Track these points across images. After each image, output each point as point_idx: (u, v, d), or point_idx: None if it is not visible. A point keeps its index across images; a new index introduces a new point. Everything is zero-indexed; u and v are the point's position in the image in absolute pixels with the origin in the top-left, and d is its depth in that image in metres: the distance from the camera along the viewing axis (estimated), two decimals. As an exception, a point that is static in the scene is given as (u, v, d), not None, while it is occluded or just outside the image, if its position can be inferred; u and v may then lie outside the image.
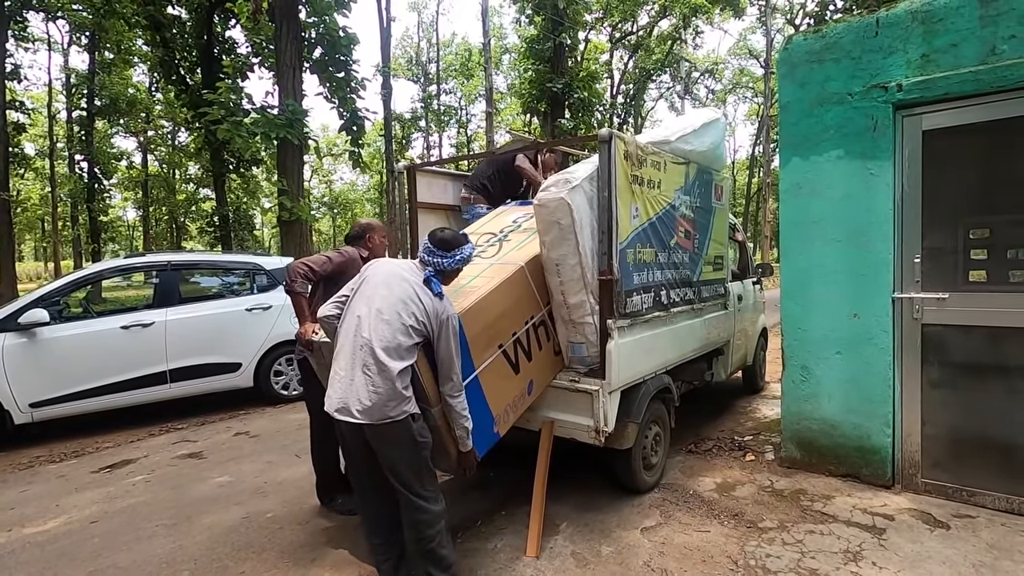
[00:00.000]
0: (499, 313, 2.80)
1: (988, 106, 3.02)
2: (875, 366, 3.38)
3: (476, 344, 2.62)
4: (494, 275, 2.90)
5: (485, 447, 2.71)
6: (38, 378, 4.72)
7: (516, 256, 3.11)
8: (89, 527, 3.28)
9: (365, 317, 2.23)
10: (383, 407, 2.14)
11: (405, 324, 2.20)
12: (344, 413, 2.18)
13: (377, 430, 2.18)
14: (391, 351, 2.16)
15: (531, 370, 2.98)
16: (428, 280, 2.32)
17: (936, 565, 2.64)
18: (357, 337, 2.22)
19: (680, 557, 2.79)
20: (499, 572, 2.71)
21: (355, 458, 2.38)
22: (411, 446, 2.22)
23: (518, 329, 2.91)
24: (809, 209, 3.59)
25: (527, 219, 3.58)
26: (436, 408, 2.41)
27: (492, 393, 2.71)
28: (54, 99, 23.78)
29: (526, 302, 3.00)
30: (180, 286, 5.64)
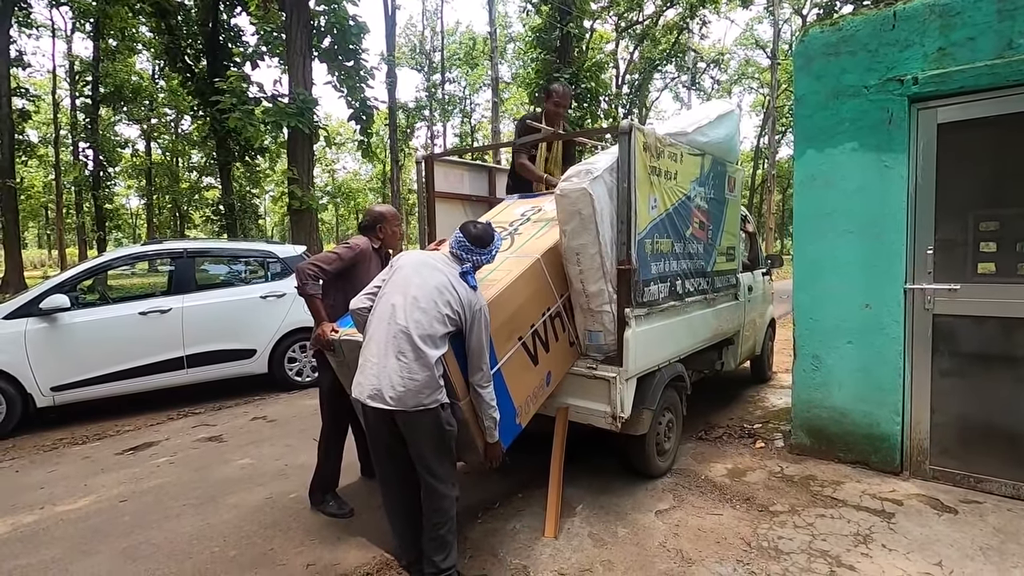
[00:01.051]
0: (518, 305, 2.84)
1: (1003, 100, 3.06)
2: (886, 355, 3.45)
3: (498, 337, 2.66)
4: (511, 268, 2.93)
5: (509, 438, 2.76)
6: (59, 362, 4.81)
7: (531, 248, 3.15)
8: (119, 506, 3.38)
9: (400, 305, 2.25)
10: (418, 394, 2.17)
11: (441, 312, 2.23)
12: (377, 400, 2.19)
13: (410, 417, 2.21)
14: (427, 339, 2.19)
15: (549, 361, 3.03)
16: (465, 274, 2.37)
17: (944, 548, 2.72)
18: (392, 324, 2.24)
19: (694, 538, 2.88)
20: (519, 551, 2.80)
21: (381, 444, 2.40)
22: (439, 433, 2.26)
23: (536, 321, 2.95)
24: (823, 201, 3.64)
25: (535, 212, 3.62)
26: (464, 401, 2.45)
27: (514, 385, 2.76)
28: (58, 86, 23.73)
29: (543, 294, 3.04)
30: (196, 273, 5.72)
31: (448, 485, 2.34)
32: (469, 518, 3.12)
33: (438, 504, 2.32)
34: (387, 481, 2.50)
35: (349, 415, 3.24)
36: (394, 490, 2.49)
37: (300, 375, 6.07)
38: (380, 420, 2.28)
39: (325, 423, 3.25)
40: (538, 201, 3.81)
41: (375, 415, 2.26)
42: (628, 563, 2.68)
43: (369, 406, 2.23)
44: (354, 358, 2.46)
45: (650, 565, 2.66)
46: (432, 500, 2.32)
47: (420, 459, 2.30)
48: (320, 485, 3.27)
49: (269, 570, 2.68)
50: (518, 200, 4.00)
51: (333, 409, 3.20)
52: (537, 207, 3.68)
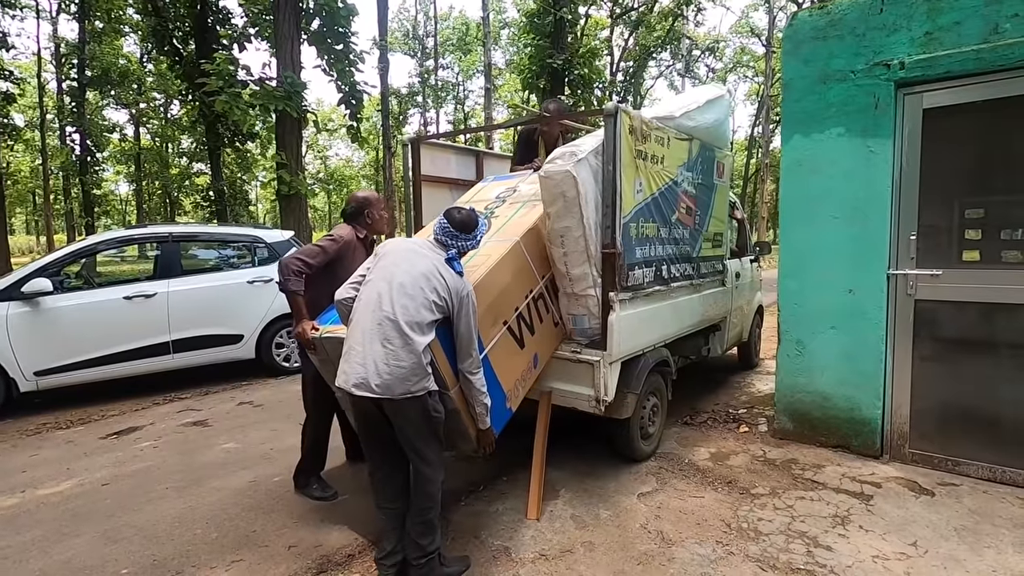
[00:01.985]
0: (501, 290, 2.81)
1: (988, 85, 3.06)
2: (868, 341, 3.47)
3: (483, 323, 2.62)
4: (491, 252, 2.89)
5: (500, 424, 2.75)
6: (42, 347, 4.76)
7: (510, 231, 3.11)
8: (101, 489, 3.37)
9: (386, 292, 2.21)
10: (404, 381, 2.13)
11: (428, 299, 2.20)
12: (363, 388, 2.15)
13: (397, 405, 2.17)
14: (414, 325, 2.16)
15: (535, 344, 3.03)
16: (450, 260, 2.34)
17: (920, 528, 2.76)
18: (377, 311, 2.19)
19: (675, 520, 2.90)
20: (501, 533, 2.82)
21: (369, 431, 2.37)
22: (427, 420, 2.24)
23: (520, 304, 2.93)
24: (809, 186, 3.63)
25: (510, 193, 3.58)
26: (454, 390, 2.42)
27: (502, 370, 2.75)
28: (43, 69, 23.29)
29: (524, 276, 3.02)
30: (182, 258, 5.66)
31: (436, 469, 2.32)
32: (453, 501, 3.14)
33: (426, 488, 2.30)
34: (376, 464, 2.45)
35: (333, 401, 3.23)
36: (383, 471, 2.44)
37: (288, 360, 6.04)
38: (366, 408, 2.24)
39: (309, 409, 3.24)
40: (512, 182, 3.78)
41: (362, 403, 2.22)
42: (609, 544, 2.70)
43: (355, 395, 2.18)
44: (337, 355, 2.39)
45: (631, 546, 2.68)
46: (420, 484, 2.31)
47: (408, 444, 2.28)
48: (305, 469, 3.27)
49: (251, 552, 2.68)
50: (493, 182, 3.96)
51: (317, 395, 3.18)
52: (512, 188, 3.64)
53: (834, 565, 2.50)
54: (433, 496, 2.31)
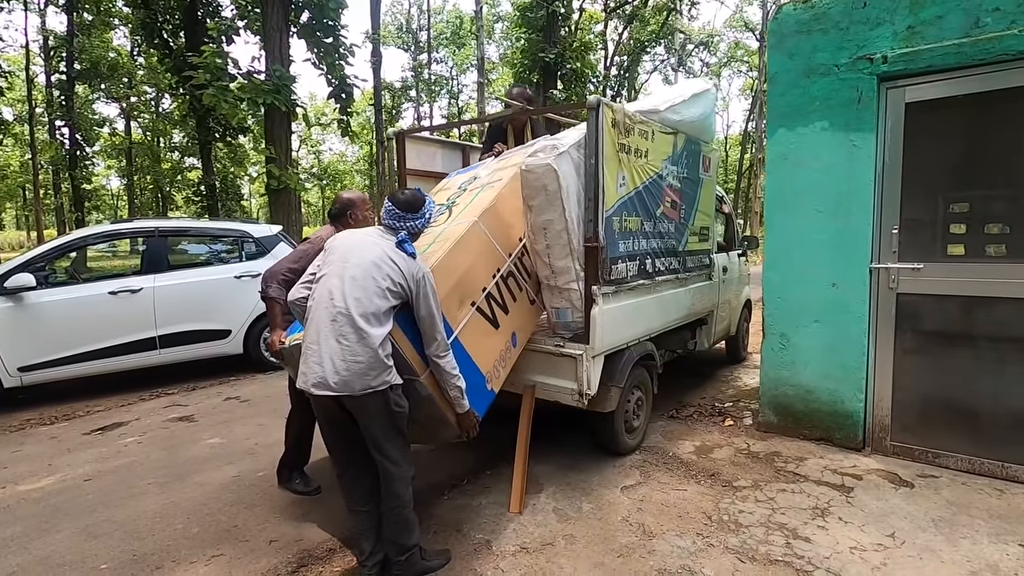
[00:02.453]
0: (464, 271, 2.76)
1: (969, 79, 3.07)
2: (851, 334, 3.49)
3: (448, 305, 2.60)
4: (449, 235, 2.84)
5: (484, 406, 2.73)
6: (26, 342, 4.73)
7: (469, 213, 3.04)
8: (83, 485, 3.35)
9: (338, 287, 2.17)
10: (363, 376, 2.10)
11: (381, 287, 2.16)
12: (322, 387, 2.11)
13: (358, 401, 2.14)
14: (369, 317, 2.12)
15: (511, 322, 2.99)
16: (402, 243, 2.29)
17: (898, 520, 2.78)
18: (330, 307, 2.15)
19: (657, 513, 2.92)
20: (484, 526, 2.82)
21: (334, 431, 2.33)
22: (389, 415, 2.20)
23: (487, 284, 2.89)
24: (793, 180, 3.64)
25: (470, 181, 3.53)
26: (424, 375, 2.39)
27: (477, 352, 2.73)
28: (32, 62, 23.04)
29: (489, 255, 2.96)
30: (168, 253, 5.63)
31: (402, 466, 2.29)
32: (436, 495, 3.14)
33: (393, 486, 2.27)
34: (343, 464, 2.41)
35: None
36: (351, 472, 2.40)
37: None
38: (328, 407, 2.22)
39: (293, 404, 3.23)
40: (474, 171, 3.75)
41: (322, 402, 2.20)
42: (590, 537, 2.71)
43: (315, 394, 2.15)
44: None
45: (611, 539, 2.69)
46: (387, 482, 2.28)
47: (373, 442, 2.25)
48: (288, 463, 3.26)
49: (231, 546, 2.68)
50: (456, 175, 3.93)
51: (300, 391, 3.17)
52: (473, 176, 3.61)
53: (812, 556, 2.51)
54: (401, 494, 2.27)
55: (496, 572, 2.46)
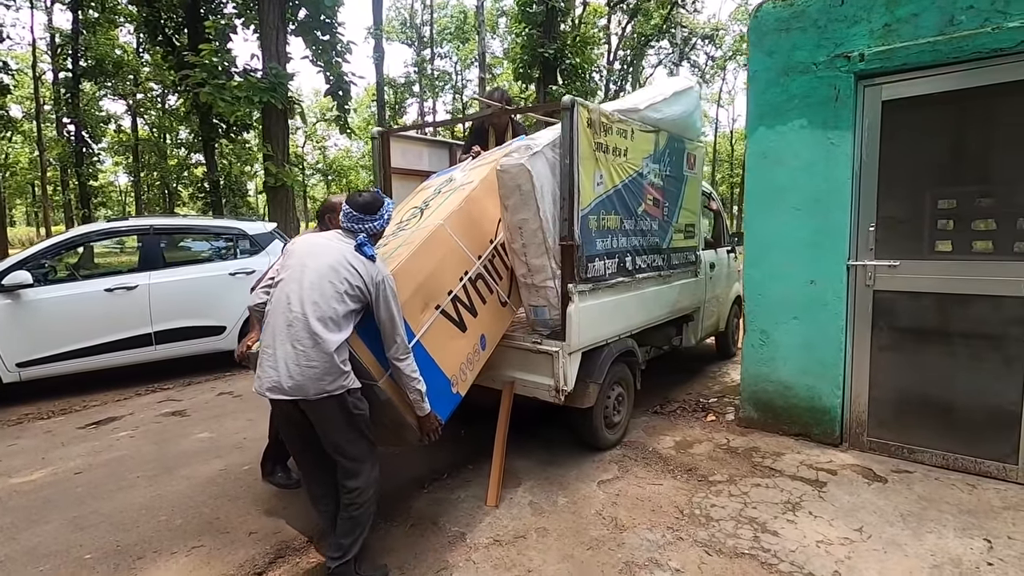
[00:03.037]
0: (427, 274, 2.75)
1: (944, 77, 3.08)
2: (828, 331, 3.51)
3: (410, 308, 2.60)
4: (414, 238, 2.85)
5: (448, 409, 2.74)
6: (24, 338, 4.82)
7: (435, 217, 3.03)
8: (73, 478, 3.44)
9: (295, 292, 2.17)
10: (319, 381, 2.10)
11: (339, 291, 2.16)
12: (277, 391, 2.13)
13: (313, 405, 2.15)
14: (327, 321, 2.13)
15: (480, 325, 3.00)
16: (361, 245, 2.29)
17: (868, 514, 2.82)
18: (287, 312, 2.16)
19: (631, 507, 2.97)
20: (460, 519, 2.88)
21: (291, 431, 2.35)
22: (348, 418, 2.21)
23: (454, 287, 2.89)
24: (773, 178, 3.66)
25: (446, 184, 3.53)
26: (382, 380, 2.39)
27: (441, 355, 2.73)
28: (39, 59, 23.23)
29: (455, 258, 2.95)
30: (164, 250, 5.72)
31: (363, 466, 2.29)
32: (415, 488, 3.21)
33: (351, 485, 2.26)
34: (305, 465, 2.43)
35: None
36: (313, 472, 2.42)
37: (271, 351, 6.10)
38: (285, 410, 2.23)
39: None
40: (451, 173, 3.75)
41: (279, 407, 2.23)
42: (562, 530, 2.77)
43: (270, 398, 2.17)
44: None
45: (583, 531, 2.75)
46: (345, 479, 2.28)
47: (330, 444, 2.26)
48: (271, 456, 3.33)
49: (212, 538, 2.76)
50: (436, 177, 3.93)
51: None
52: (449, 178, 3.61)
53: (778, 550, 2.56)
54: (361, 492, 2.26)
55: (468, 564, 2.53)
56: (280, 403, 2.20)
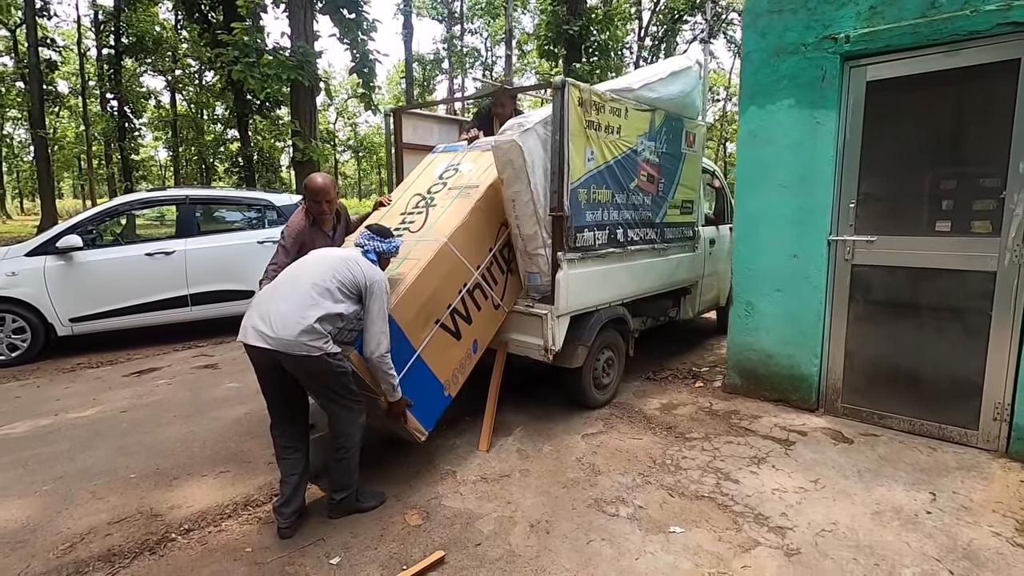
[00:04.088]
0: (431, 292, 2.96)
1: (924, 59, 3.19)
2: (809, 302, 3.70)
3: (412, 327, 2.84)
4: (420, 256, 3.02)
5: (439, 411, 3.07)
6: (76, 296, 5.34)
7: (440, 228, 3.17)
8: (119, 415, 3.91)
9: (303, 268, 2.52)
10: (299, 337, 2.27)
11: (340, 275, 2.45)
12: (260, 340, 2.30)
13: (295, 362, 2.32)
14: (324, 292, 2.39)
15: (473, 332, 3.24)
16: (365, 252, 2.63)
17: (826, 469, 3.05)
18: (288, 278, 2.47)
19: (608, 456, 3.26)
20: (453, 460, 3.22)
21: (265, 380, 2.51)
22: (331, 375, 2.39)
23: (453, 300, 3.09)
24: (762, 156, 3.82)
25: (452, 175, 3.68)
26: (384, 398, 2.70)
27: (438, 364, 3.00)
28: (84, 36, 24.15)
29: (457, 273, 3.13)
30: (199, 219, 6.16)
31: (352, 411, 2.51)
32: (415, 434, 3.55)
33: (341, 428, 2.51)
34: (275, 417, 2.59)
35: None
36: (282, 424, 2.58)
37: (296, 316, 6.53)
38: (260, 361, 2.41)
39: None
40: (458, 155, 3.88)
41: (255, 355, 2.39)
42: (542, 472, 3.08)
43: (249, 344, 2.35)
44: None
45: (562, 474, 3.06)
46: (336, 424, 2.52)
47: (317, 395, 2.48)
48: None
49: (236, 466, 3.17)
50: (441, 153, 4.07)
51: None
52: (454, 166, 3.77)
53: (735, 494, 2.82)
54: (348, 436, 2.51)
55: (455, 495, 2.86)
56: (258, 354, 2.37)
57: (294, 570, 2.31)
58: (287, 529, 2.51)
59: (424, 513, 2.70)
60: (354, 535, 2.52)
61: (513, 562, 2.33)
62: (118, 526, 2.62)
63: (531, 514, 2.67)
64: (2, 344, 5.16)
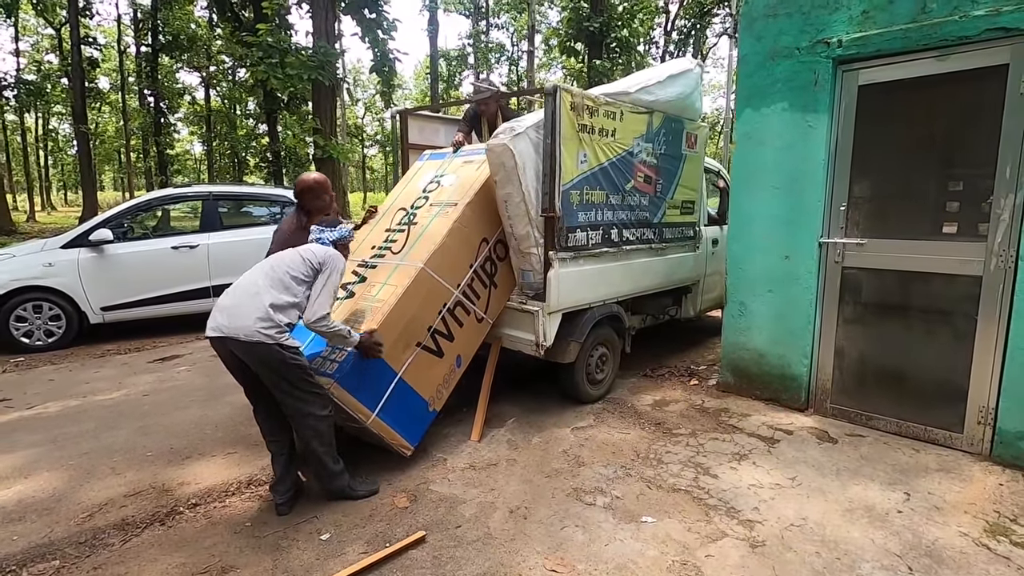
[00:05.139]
0: (410, 318, 3.04)
1: (914, 64, 3.20)
2: (799, 304, 3.75)
3: (393, 352, 2.94)
4: (398, 282, 3.10)
5: (423, 427, 3.20)
6: (107, 286, 5.68)
7: (418, 252, 3.23)
8: (142, 398, 4.21)
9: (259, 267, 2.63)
10: (248, 323, 2.37)
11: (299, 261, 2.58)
12: (216, 331, 2.44)
13: (246, 347, 2.39)
14: (274, 281, 2.51)
15: (456, 348, 3.33)
16: (317, 239, 2.75)
17: (806, 468, 3.12)
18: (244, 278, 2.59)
19: (594, 449, 3.38)
20: (445, 448, 3.39)
21: (234, 372, 2.63)
22: (284, 366, 2.45)
23: (433, 322, 3.18)
24: (756, 158, 3.87)
25: (435, 189, 3.74)
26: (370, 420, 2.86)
27: (420, 383, 3.12)
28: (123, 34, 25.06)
29: (435, 295, 3.20)
30: (222, 214, 6.46)
31: (310, 404, 2.56)
32: (412, 423, 3.73)
33: (301, 431, 2.60)
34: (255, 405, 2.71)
35: None
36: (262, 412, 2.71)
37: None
38: (224, 352, 2.52)
39: None
40: (443, 165, 3.94)
41: (217, 347, 2.50)
42: (528, 462, 3.22)
43: (209, 337, 2.47)
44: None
45: (547, 464, 3.20)
46: (296, 420, 2.59)
47: (274, 388, 2.52)
48: None
49: (244, 448, 3.40)
50: (428, 161, 4.14)
51: None
52: (438, 178, 3.83)
53: (712, 488, 2.92)
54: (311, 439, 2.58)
55: (443, 480, 3.03)
56: (218, 345, 2.49)
57: (287, 544, 2.51)
58: (283, 506, 2.71)
59: (412, 496, 2.87)
60: (345, 515, 2.71)
61: (488, 544, 2.48)
62: (133, 499, 2.86)
63: (512, 501, 2.82)
64: (40, 331, 5.52)
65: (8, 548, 2.49)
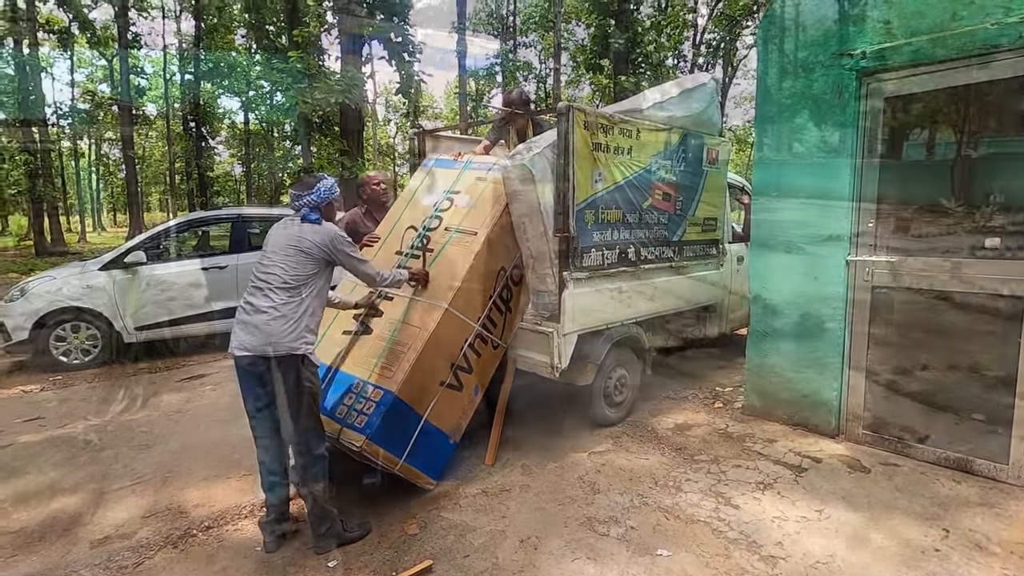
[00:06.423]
0: (434, 361, 3.03)
1: (944, 73, 3.06)
2: (828, 324, 3.59)
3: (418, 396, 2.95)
4: (421, 324, 3.07)
5: (445, 458, 3.21)
6: (141, 307, 5.86)
7: (440, 288, 3.19)
8: (168, 418, 4.31)
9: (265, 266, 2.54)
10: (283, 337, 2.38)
11: (299, 250, 2.49)
12: (242, 348, 2.42)
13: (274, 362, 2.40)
14: (290, 281, 2.46)
15: (474, 378, 3.30)
16: (304, 217, 2.59)
17: (835, 499, 2.95)
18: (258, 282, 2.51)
19: (611, 475, 3.28)
20: (459, 473, 3.33)
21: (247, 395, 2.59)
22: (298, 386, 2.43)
23: (456, 359, 3.17)
24: (778, 174, 3.75)
25: (448, 206, 3.63)
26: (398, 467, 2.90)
27: (443, 420, 3.12)
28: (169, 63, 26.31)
29: (459, 333, 3.18)
30: (250, 235, 6.62)
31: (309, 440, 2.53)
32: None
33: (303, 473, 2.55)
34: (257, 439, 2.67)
35: None
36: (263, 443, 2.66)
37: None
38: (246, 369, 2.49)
39: None
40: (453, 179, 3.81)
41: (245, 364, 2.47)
42: (542, 488, 3.15)
43: (237, 355, 2.45)
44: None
45: (561, 491, 3.11)
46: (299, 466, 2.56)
47: (283, 411, 2.50)
48: None
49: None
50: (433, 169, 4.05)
51: None
52: (450, 195, 3.70)
53: (732, 520, 2.79)
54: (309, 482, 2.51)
55: (455, 506, 2.98)
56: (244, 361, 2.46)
57: (295, 570, 2.50)
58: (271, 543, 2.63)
59: (422, 523, 2.83)
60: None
61: (495, 575, 2.41)
62: (148, 521, 2.91)
63: (523, 529, 2.75)
64: (77, 350, 5.73)
65: (26, 569, 2.54)
